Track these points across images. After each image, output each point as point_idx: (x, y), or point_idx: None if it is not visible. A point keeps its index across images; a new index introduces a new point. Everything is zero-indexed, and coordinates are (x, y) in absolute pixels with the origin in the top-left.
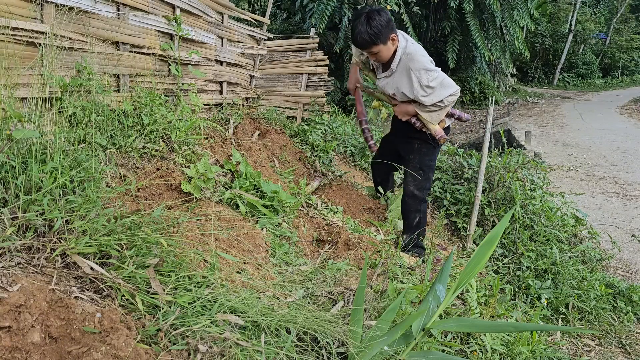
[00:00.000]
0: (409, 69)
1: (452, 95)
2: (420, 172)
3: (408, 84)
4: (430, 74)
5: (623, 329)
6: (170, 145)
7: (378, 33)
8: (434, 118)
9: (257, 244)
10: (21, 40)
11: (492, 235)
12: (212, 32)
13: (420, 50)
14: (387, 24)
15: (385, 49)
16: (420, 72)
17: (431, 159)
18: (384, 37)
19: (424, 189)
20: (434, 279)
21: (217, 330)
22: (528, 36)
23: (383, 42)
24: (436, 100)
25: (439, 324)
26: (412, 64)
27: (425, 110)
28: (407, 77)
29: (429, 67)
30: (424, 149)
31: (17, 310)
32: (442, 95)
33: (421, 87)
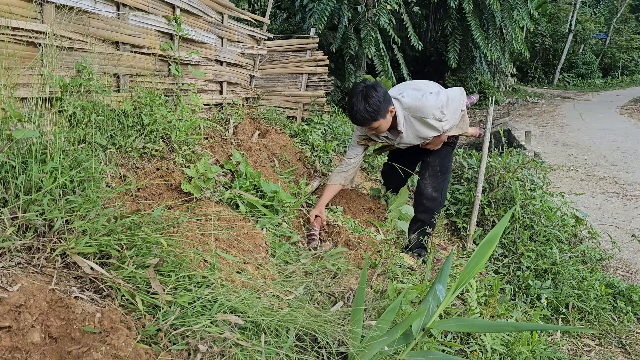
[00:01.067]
0: (421, 118)
1: (463, 100)
2: (439, 174)
3: (429, 128)
4: (439, 105)
5: (623, 329)
6: (170, 145)
7: (377, 110)
8: (464, 127)
9: (257, 243)
10: (21, 40)
11: (492, 235)
12: (212, 32)
13: (415, 95)
14: (384, 99)
15: (384, 122)
16: (433, 114)
17: (449, 160)
18: (383, 112)
19: (443, 191)
20: (434, 279)
21: (217, 330)
22: (528, 36)
23: (382, 117)
24: (457, 116)
25: (439, 323)
26: (420, 113)
27: (454, 128)
28: (425, 125)
29: (434, 102)
30: (444, 151)
31: (17, 310)
32: (457, 108)
33: (441, 121)
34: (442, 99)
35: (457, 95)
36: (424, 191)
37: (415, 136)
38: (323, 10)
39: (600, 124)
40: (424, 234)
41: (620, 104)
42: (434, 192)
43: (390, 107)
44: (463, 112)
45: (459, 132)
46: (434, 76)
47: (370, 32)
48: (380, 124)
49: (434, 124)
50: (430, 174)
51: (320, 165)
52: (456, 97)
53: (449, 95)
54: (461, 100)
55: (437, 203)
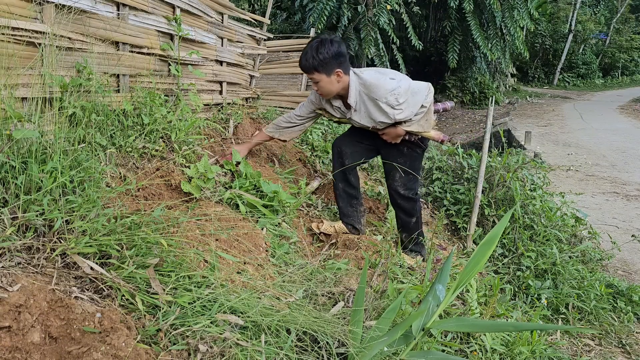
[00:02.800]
0: (374, 99)
1: (427, 95)
2: (410, 175)
3: (380, 112)
4: (395, 92)
5: (623, 329)
6: (170, 145)
7: (321, 62)
8: (426, 126)
9: (257, 244)
10: (21, 40)
11: (492, 235)
12: (212, 32)
13: (375, 75)
14: (335, 56)
15: (327, 81)
16: (386, 98)
17: (419, 162)
18: (327, 68)
19: (412, 189)
20: (434, 279)
21: (217, 330)
22: (528, 36)
23: (325, 72)
24: (416, 110)
25: (439, 323)
26: (374, 94)
27: (412, 123)
28: (377, 107)
29: (390, 87)
30: (415, 153)
31: (17, 310)
32: (418, 102)
33: (394, 109)
34: (400, 86)
35: (422, 89)
36: (397, 193)
37: (368, 117)
38: (323, 10)
39: (600, 124)
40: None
41: (620, 104)
42: (406, 191)
43: (338, 70)
44: (425, 110)
45: (419, 129)
46: (434, 76)
47: (370, 32)
48: (322, 80)
49: (386, 108)
50: (400, 176)
51: (320, 165)
52: (420, 91)
53: (412, 87)
54: (424, 96)
55: (410, 200)
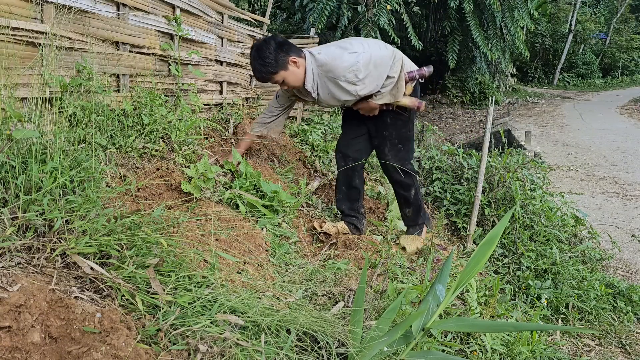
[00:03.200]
0: (333, 79)
1: (393, 64)
2: (399, 146)
3: (342, 91)
4: (354, 67)
5: (623, 329)
6: (170, 145)
7: (270, 63)
8: (398, 95)
9: (257, 244)
10: (21, 40)
11: (492, 235)
12: (212, 32)
13: (330, 52)
14: (277, 49)
15: (289, 74)
16: (344, 76)
17: (407, 130)
18: (279, 64)
19: (407, 160)
20: (433, 279)
21: (217, 330)
22: (528, 36)
23: (282, 68)
24: (381, 82)
25: (439, 323)
26: (331, 73)
27: (382, 96)
28: (338, 86)
29: (347, 63)
30: (399, 121)
31: (17, 310)
32: (382, 73)
33: (355, 85)
34: (360, 61)
35: (386, 59)
36: (389, 167)
37: (333, 97)
38: (323, 10)
39: (600, 124)
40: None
41: (620, 104)
42: (400, 162)
43: (291, 57)
44: (393, 80)
45: (391, 100)
46: (434, 76)
47: (370, 32)
48: (285, 77)
49: (347, 86)
50: (389, 148)
51: (320, 165)
52: (383, 62)
53: (374, 59)
54: (388, 66)
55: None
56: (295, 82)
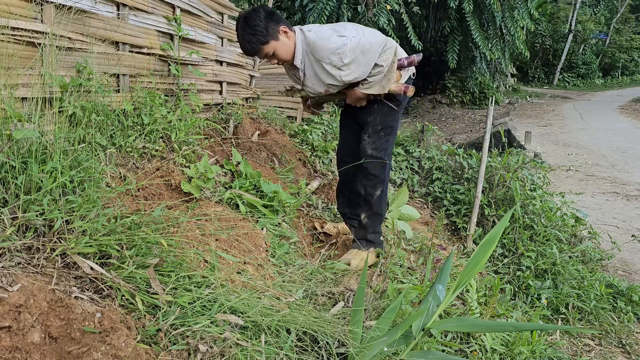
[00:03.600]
0: (318, 60)
1: (383, 52)
2: (380, 133)
3: (326, 74)
4: (339, 50)
5: (623, 329)
6: (170, 145)
7: (260, 31)
8: (386, 85)
9: (257, 244)
10: (21, 40)
11: (492, 235)
12: (212, 32)
13: (321, 32)
14: (267, 18)
15: (280, 45)
16: (329, 58)
17: (393, 119)
18: (269, 33)
19: (383, 150)
20: (434, 279)
21: (217, 330)
22: (528, 36)
23: (273, 38)
24: (368, 70)
25: (439, 323)
26: (317, 54)
27: (370, 85)
28: (322, 69)
29: (334, 45)
30: (386, 107)
31: (17, 310)
32: (369, 60)
33: (340, 69)
34: (347, 45)
35: (375, 46)
36: (364, 153)
37: (318, 80)
38: (322, 10)
39: (600, 124)
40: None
41: (620, 104)
42: (374, 151)
43: (282, 27)
44: (382, 69)
45: (381, 91)
46: (434, 76)
47: None
48: (276, 48)
49: (330, 70)
50: (370, 134)
51: (320, 165)
52: (372, 49)
53: (363, 44)
54: (377, 54)
55: (379, 166)
56: (286, 54)
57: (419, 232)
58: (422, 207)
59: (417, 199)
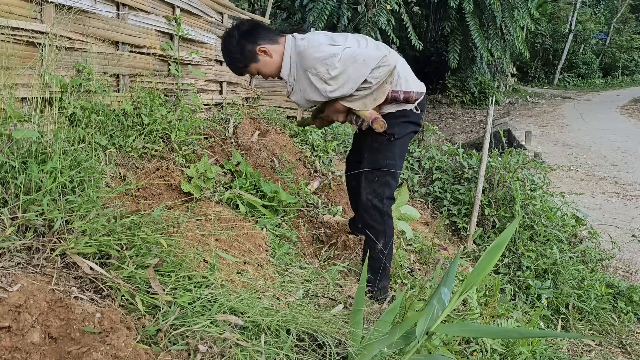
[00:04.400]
0: (304, 70)
1: (377, 68)
2: (373, 176)
3: (312, 88)
4: (328, 60)
5: (623, 329)
6: (170, 145)
7: (237, 56)
8: (369, 105)
9: (257, 244)
10: (21, 40)
11: (500, 240)
12: (212, 32)
13: (313, 39)
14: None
15: (261, 65)
16: (315, 68)
17: (386, 157)
18: (247, 56)
19: (385, 198)
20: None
21: (217, 330)
22: (528, 36)
23: (252, 60)
24: (357, 86)
25: (443, 328)
26: (303, 62)
27: (354, 99)
28: (308, 81)
29: (324, 54)
30: (376, 144)
31: (17, 310)
32: (360, 75)
33: (326, 83)
34: (338, 55)
35: (370, 62)
36: (360, 199)
37: (302, 95)
38: (322, 10)
39: (600, 124)
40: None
41: (620, 104)
42: (370, 196)
43: (259, 46)
44: (372, 86)
45: (362, 108)
46: (434, 76)
47: (370, 32)
48: (259, 69)
49: (316, 82)
50: (365, 175)
51: (320, 165)
52: (367, 62)
53: (357, 56)
54: (370, 69)
55: (377, 216)
56: (271, 72)
57: (419, 232)
58: (422, 207)
59: (417, 199)
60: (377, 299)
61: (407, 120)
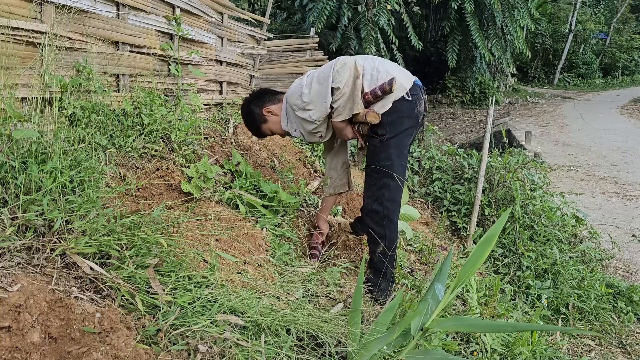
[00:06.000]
0: (293, 111)
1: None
2: (372, 179)
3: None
4: (299, 92)
5: (623, 329)
6: (170, 145)
7: (250, 120)
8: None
9: (257, 244)
10: (21, 40)
11: (491, 233)
12: (212, 32)
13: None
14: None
15: (271, 125)
16: (295, 104)
17: (381, 159)
18: (258, 119)
19: (385, 200)
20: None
21: (217, 330)
22: (528, 36)
23: (262, 122)
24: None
25: (438, 323)
26: (289, 107)
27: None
28: (298, 119)
29: (296, 89)
30: (371, 146)
31: (17, 310)
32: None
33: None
34: (304, 83)
35: (327, 71)
36: (363, 203)
37: (304, 132)
38: (322, 10)
39: (600, 124)
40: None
41: (620, 104)
42: (370, 200)
43: (265, 109)
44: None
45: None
46: (434, 76)
47: (371, 32)
48: (270, 128)
49: (301, 114)
50: (366, 180)
51: (320, 165)
52: (324, 73)
53: (318, 76)
54: (331, 77)
55: (380, 220)
56: (279, 129)
57: (419, 232)
58: (422, 207)
59: (417, 199)
60: (378, 300)
61: (400, 116)
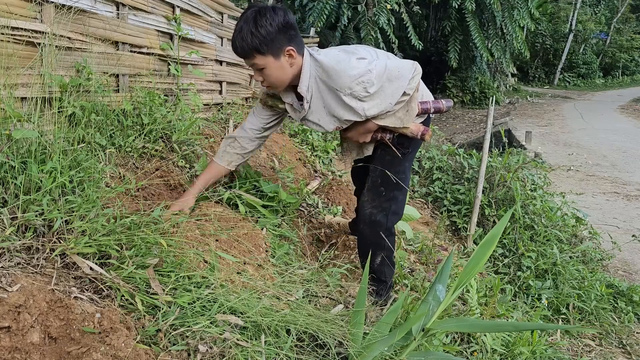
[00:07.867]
0: (335, 90)
1: (412, 78)
2: (381, 189)
3: (344, 108)
4: (364, 78)
5: (623, 329)
6: (169, 145)
7: (265, 37)
8: (405, 120)
9: (257, 244)
10: (21, 40)
11: (492, 234)
12: (212, 31)
13: (337, 56)
14: (282, 28)
15: (275, 66)
16: (350, 88)
17: (397, 172)
18: (273, 46)
19: (388, 213)
20: (433, 279)
21: (217, 330)
22: (528, 36)
23: (272, 53)
24: (395, 100)
25: (439, 324)
26: (334, 82)
27: (387, 116)
28: (339, 101)
29: (357, 72)
30: (388, 156)
31: (16, 310)
32: (398, 89)
33: (362, 101)
34: (371, 70)
35: (405, 72)
36: (360, 211)
37: (329, 114)
38: (322, 9)
39: (600, 124)
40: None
41: (620, 104)
42: (373, 209)
43: (289, 47)
44: (407, 98)
45: (397, 124)
46: (434, 76)
47: (370, 32)
48: (268, 65)
49: (351, 102)
50: (370, 188)
51: (320, 165)
52: (402, 75)
53: (389, 70)
54: (407, 80)
55: (379, 228)
56: (277, 79)
57: (419, 232)
58: (422, 207)
59: (417, 199)
60: (378, 303)
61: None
